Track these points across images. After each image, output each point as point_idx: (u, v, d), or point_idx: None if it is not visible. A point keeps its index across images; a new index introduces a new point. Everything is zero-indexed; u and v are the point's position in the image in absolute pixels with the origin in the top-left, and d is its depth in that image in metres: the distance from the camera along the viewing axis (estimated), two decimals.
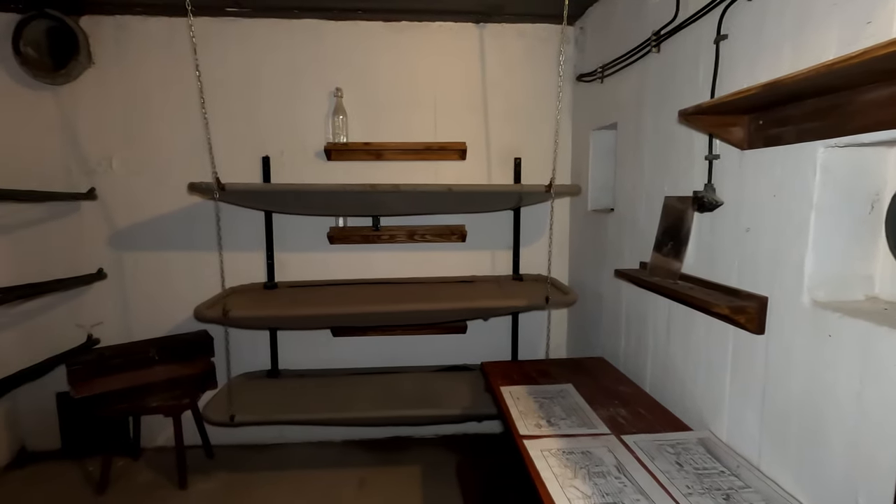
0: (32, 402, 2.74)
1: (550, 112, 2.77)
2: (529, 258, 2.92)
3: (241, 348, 2.76)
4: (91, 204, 2.67)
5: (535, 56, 2.79)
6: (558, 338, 2.99)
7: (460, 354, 2.96)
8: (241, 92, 2.68)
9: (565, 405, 1.77)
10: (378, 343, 2.93)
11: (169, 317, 2.79)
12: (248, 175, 2.72)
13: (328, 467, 2.68)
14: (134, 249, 2.74)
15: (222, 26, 2.63)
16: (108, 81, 2.62)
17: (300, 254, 2.82)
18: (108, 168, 2.66)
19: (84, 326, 2.70)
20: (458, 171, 2.83)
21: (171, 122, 2.67)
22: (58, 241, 2.67)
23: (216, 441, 2.83)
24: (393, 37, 2.73)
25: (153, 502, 2.38)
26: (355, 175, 2.77)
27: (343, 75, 2.72)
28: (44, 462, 2.72)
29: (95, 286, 2.72)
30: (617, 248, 2.27)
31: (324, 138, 2.75)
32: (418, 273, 2.89)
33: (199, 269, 2.75)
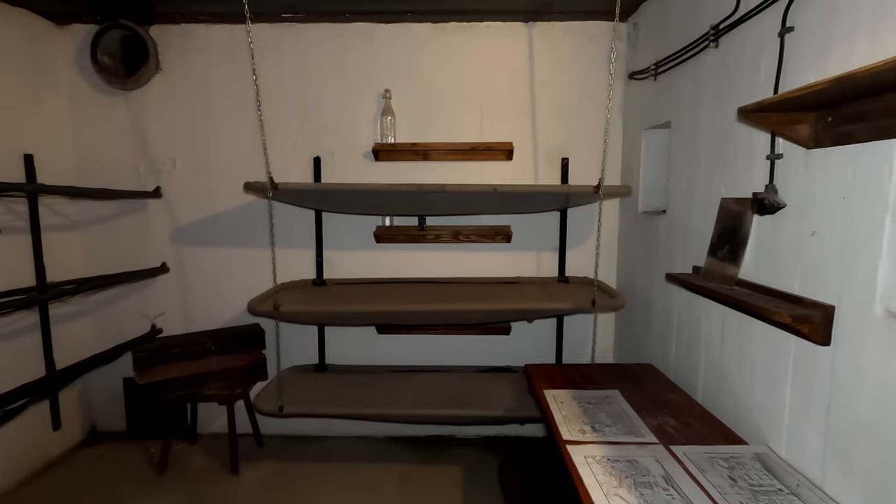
0: (102, 385, 2.96)
1: (600, 111, 2.71)
2: (576, 260, 2.87)
3: (290, 342, 2.86)
4: (157, 202, 2.85)
5: (584, 54, 2.73)
6: (605, 343, 2.92)
7: (503, 356, 2.94)
8: (294, 94, 2.78)
9: (611, 412, 1.72)
10: (422, 342, 2.96)
11: (224, 309, 2.93)
12: (300, 175, 2.81)
13: (371, 462, 2.73)
14: (194, 245, 2.89)
15: (278, 32, 2.73)
16: (173, 86, 2.78)
17: (348, 252, 2.89)
18: (172, 168, 2.83)
19: (148, 317, 2.88)
20: (504, 172, 2.82)
21: (229, 124, 2.80)
22: (127, 236, 2.86)
23: (266, 430, 2.95)
24: (441, 38, 2.75)
25: (207, 486, 2.50)
26: (402, 175, 2.81)
27: (391, 77, 2.77)
28: (112, 441, 2.93)
29: (159, 279, 2.90)
30: (668, 252, 2.19)
31: (372, 139, 2.80)
32: (463, 273, 2.90)
33: (253, 265, 2.87)
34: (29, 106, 2.55)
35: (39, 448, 2.63)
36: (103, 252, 2.86)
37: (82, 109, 2.79)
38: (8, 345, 2.41)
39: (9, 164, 2.41)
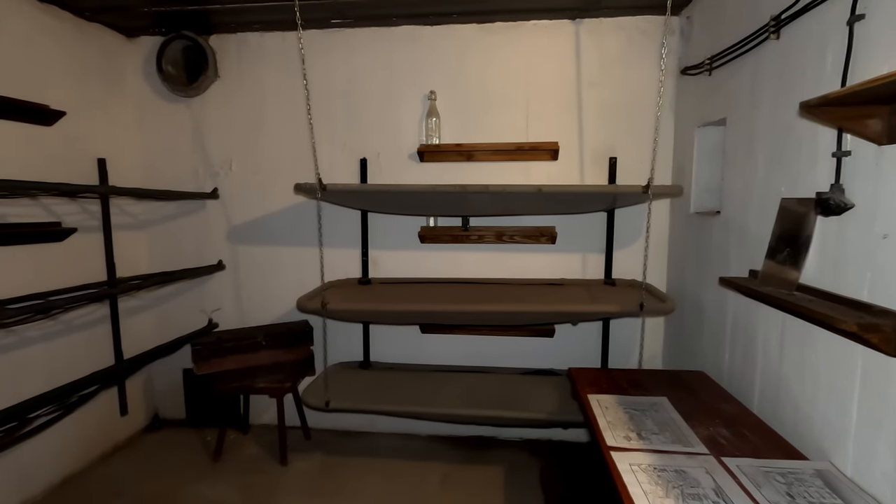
0: (164, 375, 3.15)
1: (650, 109, 2.63)
2: (623, 262, 2.79)
3: (336, 339, 2.94)
4: (214, 202, 3.00)
5: (634, 50, 2.66)
6: (653, 348, 2.82)
7: (547, 358, 2.90)
8: (342, 98, 2.85)
9: (658, 419, 1.67)
10: (465, 342, 2.96)
11: (275, 306, 3.05)
12: (347, 176, 2.88)
13: (413, 459, 2.76)
14: (247, 243, 3.03)
15: (328, 37, 2.81)
16: (230, 92, 2.92)
17: (392, 252, 2.94)
18: (228, 171, 2.97)
19: (206, 311, 3.04)
20: (549, 172, 2.78)
21: (281, 127, 2.92)
22: (186, 235, 3.04)
23: (313, 424, 3.04)
24: (486, 38, 2.75)
25: (258, 475, 2.61)
26: (447, 176, 2.83)
27: (437, 78, 2.79)
28: (172, 428, 3.11)
29: (216, 276, 3.05)
30: (723, 254, 2.09)
31: (417, 140, 2.84)
32: (506, 274, 2.88)
33: (302, 263, 2.97)
34: (102, 113, 2.75)
35: (109, 431, 2.83)
36: (166, 250, 3.04)
37: (148, 116, 2.98)
38: (82, 335, 2.60)
39: (85, 168, 2.61)
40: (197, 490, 2.47)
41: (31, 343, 2.34)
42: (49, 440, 2.41)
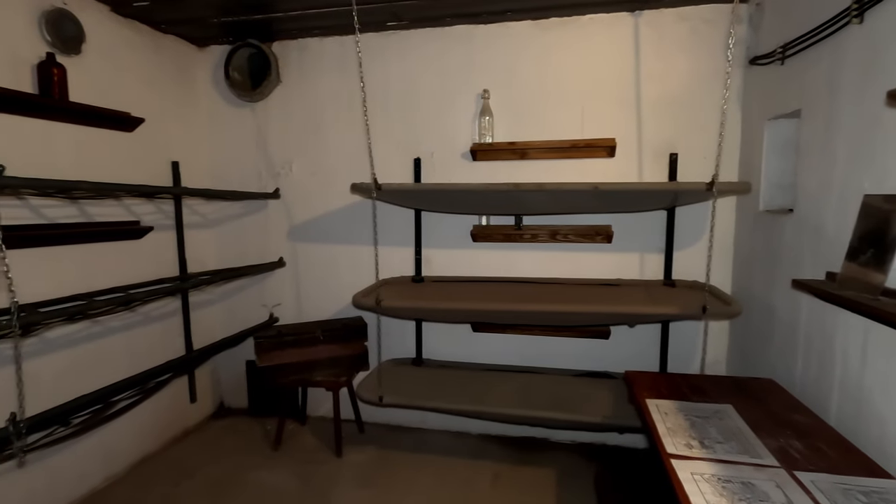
0: (229, 366, 3.32)
1: (714, 102, 2.51)
2: (684, 263, 2.68)
3: (390, 336, 3.00)
4: (276, 202, 3.14)
5: (697, 40, 2.54)
6: (716, 353, 2.69)
7: (601, 361, 2.83)
8: (397, 98, 2.90)
9: (723, 428, 1.59)
10: (517, 341, 2.94)
11: (331, 302, 3.15)
12: (401, 176, 2.93)
13: (464, 457, 2.77)
14: (306, 241, 3.14)
15: (383, 40, 2.87)
16: (291, 96, 3.05)
17: (445, 250, 2.96)
18: (289, 172, 3.10)
19: (267, 306, 3.19)
20: (605, 169, 2.71)
21: (338, 129, 3.01)
22: (250, 233, 3.19)
23: (366, 418, 3.12)
24: (540, 35, 2.71)
25: (314, 464, 2.71)
26: (500, 174, 2.82)
27: (490, 77, 2.79)
28: (236, 416, 3.29)
29: (277, 272, 3.19)
30: (795, 255, 1.96)
31: (470, 139, 2.84)
32: (560, 273, 2.83)
33: (357, 261, 3.05)
34: (176, 119, 2.95)
35: (180, 417, 3.03)
36: (231, 247, 3.22)
37: (216, 120, 3.16)
38: (158, 326, 2.80)
39: (160, 171, 2.80)
40: (258, 476, 2.60)
41: (114, 332, 2.54)
42: (129, 422, 2.62)
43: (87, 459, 2.42)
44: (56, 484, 2.27)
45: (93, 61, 2.40)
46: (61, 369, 2.26)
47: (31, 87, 2.12)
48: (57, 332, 2.24)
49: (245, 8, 2.55)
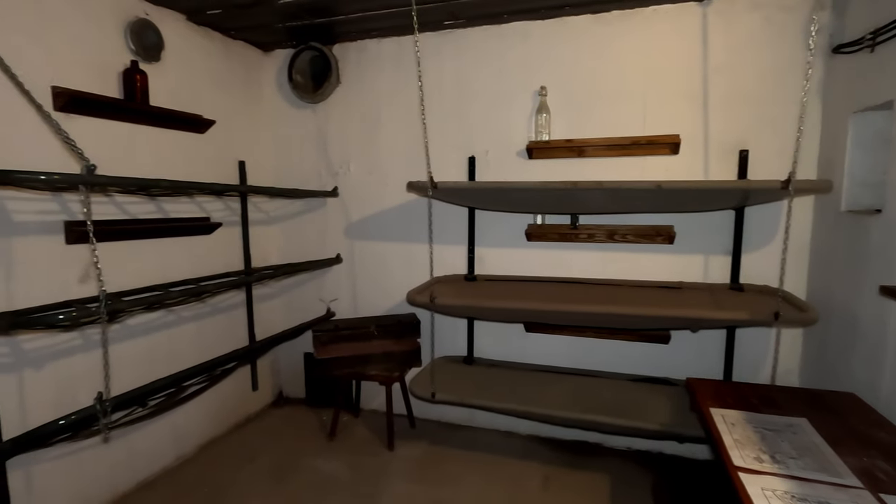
0: (289, 357, 3.46)
1: (790, 94, 2.35)
2: (753, 266, 2.53)
3: (442, 333, 3.02)
4: (334, 200, 3.24)
5: (772, 30, 2.39)
6: (788, 363, 2.52)
7: (660, 366, 2.72)
8: (453, 97, 2.92)
9: (797, 443, 1.49)
10: (570, 343, 2.88)
11: (385, 298, 3.21)
12: (456, 174, 2.94)
13: (512, 457, 2.75)
14: (362, 239, 3.22)
15: (440, 39, 2.89)
16: (350, 97, 3.13)
17: (498, 249, 2.94)
18: (347, 171, 3.19)
19: (325, 301, 3.29)
20: (668, 167, 2.60)
21: (394, 128, 3.06)
22: (310, 230, 3.31)
23: (417, 413, 3.16)
24: (600, 29, 2.64)
25: (367, 456, 2.77)
26: (556, 173, 2.77)
27: (547, 73, 2.74)
28: (294, 406, 3.42)
29: (334, 268, 3.29)
30: (884, 260, 1.80)
31: (526, 137, 2.81)
32: (617, 275, 2.75)
33: (411, 259, 3.10)
34: (243, 120, 3.10)
35: (243, 404, 3.18)
36: (292, 243, 3.35)
37: (279, 121, 3.29)
38: (224, 317, 2.96)
39: (229, 170, 2.96)
40: (314, 464, 2.69)
41: (185, 322, 2.71)
42: (198, 407, 2.78)
43: (161, 439, 2.59)
44: (134, 460, 2.45)
45: (170, 67, 2.56)
46: (139, 354, 2.43)
47: (117, 92, 2.30)
48: (136, 320, 2.42)
49: (308, 13, 2.64)
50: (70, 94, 2.03)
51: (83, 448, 2.20)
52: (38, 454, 2.01)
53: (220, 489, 2.47)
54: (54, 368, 2.08)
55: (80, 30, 2.14)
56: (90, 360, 2.20)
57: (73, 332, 2.13)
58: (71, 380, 2.13)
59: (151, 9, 2.46)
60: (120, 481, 2.39)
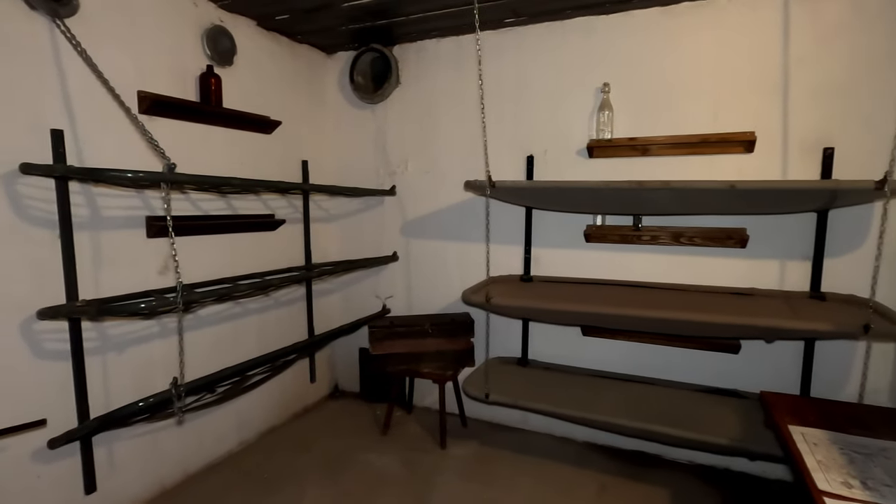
0: (345, 352, 3.55)
1: (885, 88, 2.15)
2: (837, 274, 2.33)
3: (496, 334, 2.98)
4: (391, 199, 3.29)
5: (864, 16, 2.20)
6: (879, 380, 2.30)
7: (727, 377, 2.57)
8: (511, 96, 2.88)
9: (892, 469, 1.35)
10: (629, 348, 2.77)
11: (439, 297, 3.22)
12: (513, 173, 2.91)
13: (568, 464, 2.68)
14: (418, 237, 3.25)
15: (499, 38, 2.87)
16: (408, 97, 3.16)
17: (555, 250, 2.88)
18: (404, 170, 3.23)
19: (380, 298, 3.35)
20: (741, 166, 2.45)
21: (451, 128, 3.06)
22: (367, 227, 3.38)
23: (469, 413, 3.15)
24: (668, 22, 2.53)
25: (419, 453, 2.79)
26: (618, 172, 2.68)
27: (610, 70, 2.66)
28: (349, 399, 3.51)
29: (390, 266, 3.34)
30: None
31: (587, 136, 2.73)
32: (682, 279, 2.62)
33: (466, 258, 3.09)
34: (307, 121, 3.21)
35: (301, 395, 3.30)
36: (350, 241, 3.43)
37: (340, 122, 3.38)
38: (285, 310, 3.08)
39: (292, 169, 3.07)
40: (368, 457, 2.74)
41: (250, 314, 2.83)
42: (259, 396, 2.91)
43: (225, 425, 2.73)
44: (202, 443, 2.59)
45: (241, 71, 2.69)
46: (207, 343, 2.57)
47: (193, 95, 2.44)
48: (206, 310, 2.55)
49: (370, 15, 2.69)
50: (153, 97, 2.17)
51: (158, 429, 2.35)
52: (119, 432, 2.17)
53: (279, 475, 2.57)
54: (134, 353, 2.23)
55: (164, 38, 2.29)
56: (165, 346, 2.35)
57: (151, 319, 2.28)
58: (148, 364, 2.29)
59: (226, 16, 2.59)
60: (189, 462, 2.53)
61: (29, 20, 1.83)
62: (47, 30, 1.87)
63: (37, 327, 1.88)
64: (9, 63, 1.77)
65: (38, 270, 1.87)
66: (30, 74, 1.83)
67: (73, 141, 1.96)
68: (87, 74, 1.93)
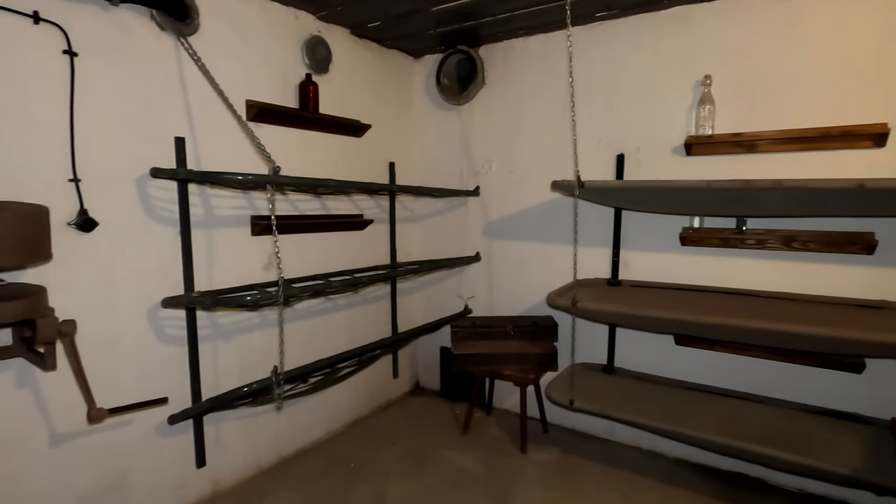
0: (426, 350, 3.63)
1: None
2: None
3: (580, 339, 2.90)
4: (474, 199, 3.30)
5: None
6: None
7: (847, 399, 2.30)
8: (601, 93, 2.79)
9: None
10: (728, 361, 2.57)
11: (521, 299, 3.19)
12: (600, 173, 2.81)
13: (658, 480, 2.53)
14: (500, 238, 3.24)
15: (589, 33, 2.78)
16: (493, 97, 3.16)
17: (646, 253, 2.74)
18: (488, 170, 3.23)
19: (463, 298, 3.38)
20: (869, 162, 2.18)
21: (536, 127, 3.02)
22: (450, 228, 3.42)
23: (550, 419, 3.08)
24: (778, 6, 2.31)
25: (499, 455, 2.77)
26: (719, 170, 2.49)
27: (711, 61, 2.48)
28: (429, 396, 3.57)
29: (472, 266, 3.36)
30: None
31: (684, 132, 2.57)
32: (793, 288, 2.38)
33: (549, 260, 3.03)
34: (394, 124, 3.31)
35: (385, 390, 3.41)
36: (433, 241, 3.50)
37: (425, 123, 3.45)
38: (372, 307, 3.19)
39: (380, 170, 3.19)
40: (448, 455, 2.77)
41: (339, 309, 2.97)
42: (346, 388, 3.04)
43: (315, 413, 2.88)
44: (294, 429, 2.76)
45: (336, 78, 2.83)
46: (300, 336, 2.72)
47: (293, 102, 2.60)
48: (301, 305, 2.71)
49: (458, 16, 2.71)
50: (259, 106, 2.35)
51: (256, 413, 2.54)
52: (225, 413, 2.37)
53: (364, 465, 2.67)
54: (238, 342, 2.42)
55: (268, 50, 2.46)
56: (264, 336, 2.52)
57: (254, 311, 2.46)
58: (250, 352, 2.47)
59: (323, 26, 2.74)
60: (283, 446, 2.70)
61: (158, 40, 2.04)
62: (173, 48, 2.09)
63: (160, 314, 2.10)
64: (144, 79, 2.00)
65: (162, 264, 2.09)
66: (160, 88, 2.05)
67: (192, 147, 2.17)
68: (205, 86, 2.13)
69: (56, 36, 1.75)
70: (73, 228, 1.81)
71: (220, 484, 2.39)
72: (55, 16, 1.74)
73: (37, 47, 1.72)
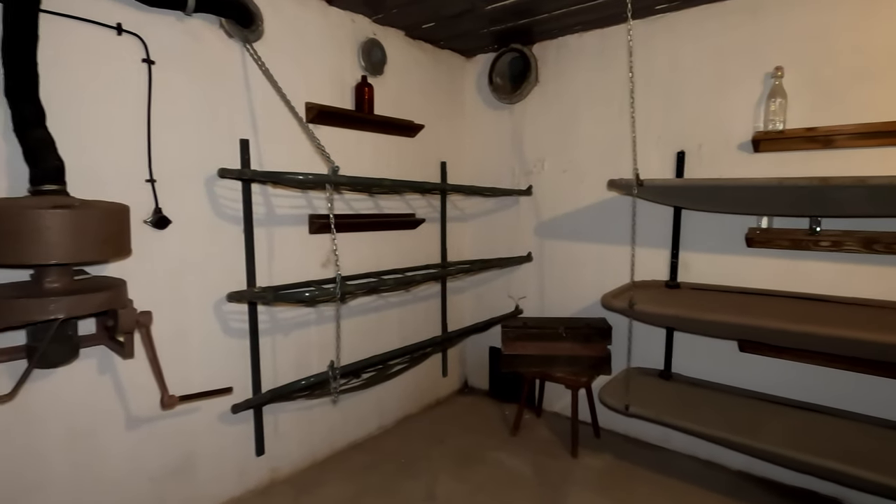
0: (475, 350, 3.62)
1: None
2: None
3: (635, 342, 2.81)
4: (525, 198, 3.27)
5: None
6: None
7: None
8: (661, 88, 2.69)
9: None
10: (797, 370, 2.41)
11: (574, 300, 3.12)
12: (658, 171, 2.71)
13: (717, 493, 2.41)
14: (552, 238, 3.19)
15: (649, 27, 2.69)
16: (547, 95, 3.11)
17: (707, 255, 2.62)
18: (541, 169, 3.19)
19: (513, 298, 3.35)
20: None
21: (591, 125, 2.95)
22: (501, 227, 3.40)
23: (602, 423, 3.00)
24: None
25: (550, 458, 2.73)
26: (789, 167, 2.35)
27: (782, 51, 2.34)
28: (478, 396, 3.57)
29: (523, 266, 3.33)
30: None
31: (751, 127, 2.44)
32: (875, 294, 2.21)
33: (603, 261, 2.96)
34: (446, 123, 3.33)
35: (434, 388, 3.43)
36: (483, 240, 3.49)
37: (477, 122, 3.45)
38: (422, 305, 3.22)
39: (432, 169, 3.21)
40: (498, 456, 2.75)
41: (391, 307, 3.02)
42: (397, 385, 3.08)
43: (367, 409, 2.93)
44: (346, 424, 2.82)
45: (390, 79, 2.87)
46: (353, 332, 2.78)
47: (349, 103, 2.66)
48: (355, 302, 2.78)
49: (512, 15, 2.69)
50: (318, 108, 2.42)
51: (311, 406, 2.61)
52: (283, 405, 2.46)
53: (414, 461, 2.70)
54: (296, 336, 2.51)
55: (326, 53, 2.53)
56: (319, 331, 2.60)
57: (311, 307, 2.54)
58: (306, 347, 2.55)
59: (378, 29, 2.79)
60: (336, 440, 2.77)
61: (226, 46, 2.15)
62: (239, 53, 2.18)
63: (225, 308, 2.20)
64: (213, 84, 2.11)
65: (227, 260, 2.20)
66: (227, 92, 2.16)
67: (256, 148, 2.26)
68: (268, 89, 2.21)
69: (136, 45, 1.87)
70: (149, 226, 1.93)
71: (277, 472, 2.48)
72: (135, 27, 1.86)
73: (119, 57, 1.84)
